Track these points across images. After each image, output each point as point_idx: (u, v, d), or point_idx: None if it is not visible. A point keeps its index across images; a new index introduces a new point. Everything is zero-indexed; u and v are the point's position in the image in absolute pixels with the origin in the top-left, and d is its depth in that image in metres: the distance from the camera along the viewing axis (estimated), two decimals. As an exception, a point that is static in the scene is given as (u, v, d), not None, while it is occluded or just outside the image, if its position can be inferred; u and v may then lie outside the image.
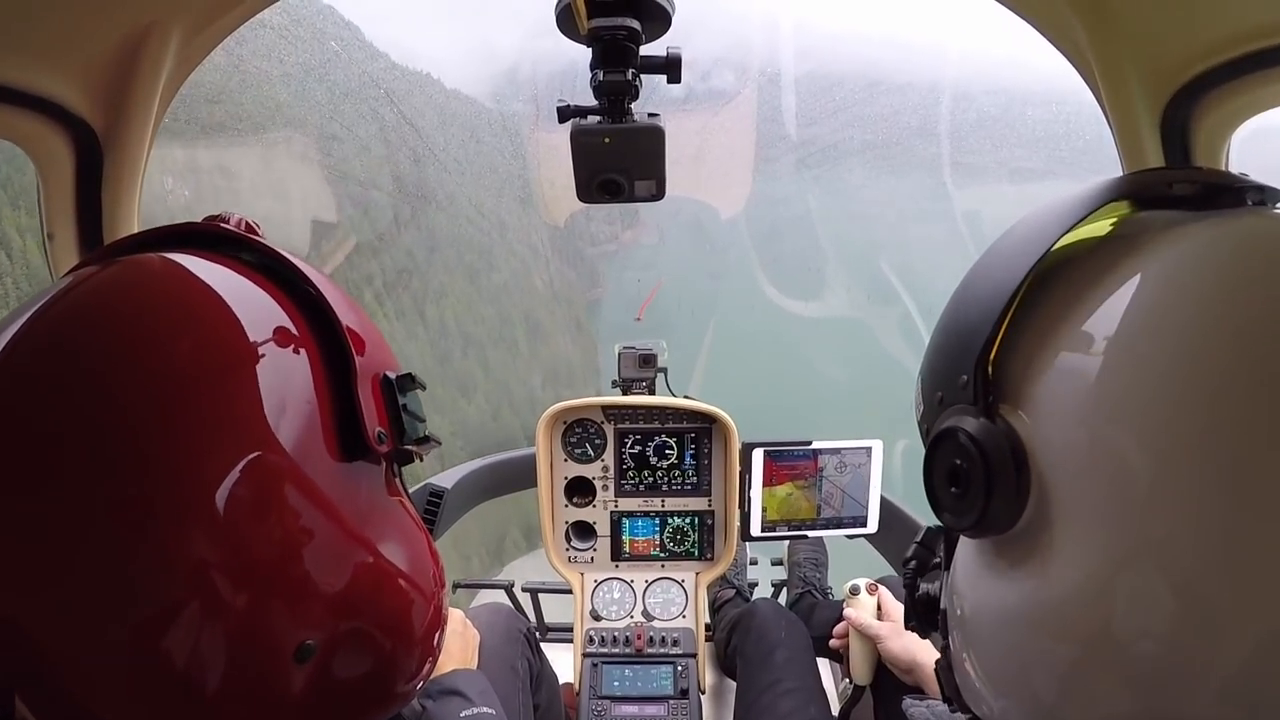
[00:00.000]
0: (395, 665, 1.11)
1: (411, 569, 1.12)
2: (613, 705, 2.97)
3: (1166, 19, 1.76)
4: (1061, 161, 34.82)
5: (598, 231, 48.47)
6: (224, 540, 0.87)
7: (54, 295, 0.93)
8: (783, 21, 43.71)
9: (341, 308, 1.08)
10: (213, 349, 0.92)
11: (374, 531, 1.05)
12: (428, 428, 1.16)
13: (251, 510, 0.88)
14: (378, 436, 1.03)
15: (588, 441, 3.32)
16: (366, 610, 1.02)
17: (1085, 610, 0.76)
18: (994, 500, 0.84)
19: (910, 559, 1.14)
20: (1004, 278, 0.88)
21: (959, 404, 0.90)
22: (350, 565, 0.99)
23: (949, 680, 1.04)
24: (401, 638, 1.11)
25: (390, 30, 44.25)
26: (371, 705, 1.12)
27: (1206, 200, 0.91)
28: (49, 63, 1.84)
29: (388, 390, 1.09)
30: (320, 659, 0.96)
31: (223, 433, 0.89)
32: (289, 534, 0.92)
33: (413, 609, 1.12)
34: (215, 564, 0.86)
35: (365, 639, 1.03)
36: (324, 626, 0.96)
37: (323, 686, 0.99)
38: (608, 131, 1.84)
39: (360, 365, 1.04)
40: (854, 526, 3.09)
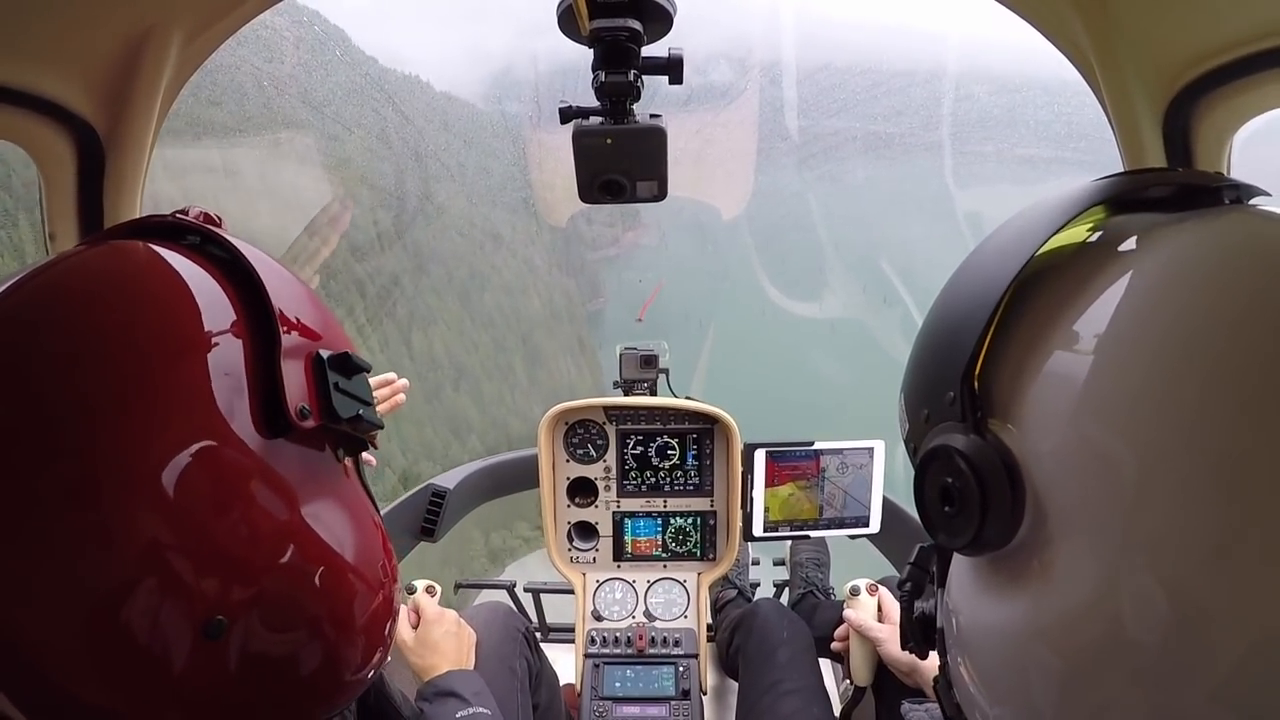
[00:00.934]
0: (337, 653, 1.11)
1: (354, 557, 1.11)
2: (614, 706, 2.97)
3: (1168, 20, 1.76)
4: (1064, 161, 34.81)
5: (597, 235, 47.60)
6: (144, 509, 0.88)
7: (19, 278, 0.97)
8: (784, 14, 43.68)
9: (284, 291, 1.09)
10: (146, 327, 0.96)
11: (308, 514, 1.05)
12: (374, 413, 1.16)
13: (164, 482, 0.89)
14: (299, 411, 1.02)
15: (590, 442, 3.32)
16: (291, 591, 1.01)
17: (1084, 623, 0.76)
18: (989, 518, 0.83)
19: (905, 580, 1.13)
20: (985, 290, 0.87)
21: (947, 421, 0.90)
22: (269, 543, 0.99)
23: (949, 698, 1.03)
24: (340, 625, 1.10)
25: (378, 34, 43.40)
26: (316, 693, 1.12)
27: (1183, 201, 0.91)
28: (52, 64, 1.85)
29: (318, 368, 1.08)
30: (236, 638, 0.95)
31: (137, 406, 0.91)
32: (199, 506, 0.92)
33: (354, 597, 1.12)
34: (127, 532, 0.88)
35: (292, 621, 1.03)
36: (235, 603, 0.95)
37: (246, 666, 0.98)
38: (610, 132, 1.84)
39: (291, 344, 1.05)
40: (856, 527, 3.08)
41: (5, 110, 1.86)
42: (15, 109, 1.87)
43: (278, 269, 1.14)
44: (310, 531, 1.05)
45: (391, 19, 57.98)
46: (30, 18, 1.72)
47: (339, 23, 32.58)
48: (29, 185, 12.48)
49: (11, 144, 1.96)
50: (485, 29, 65.95)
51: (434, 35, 67.04)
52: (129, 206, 2.14)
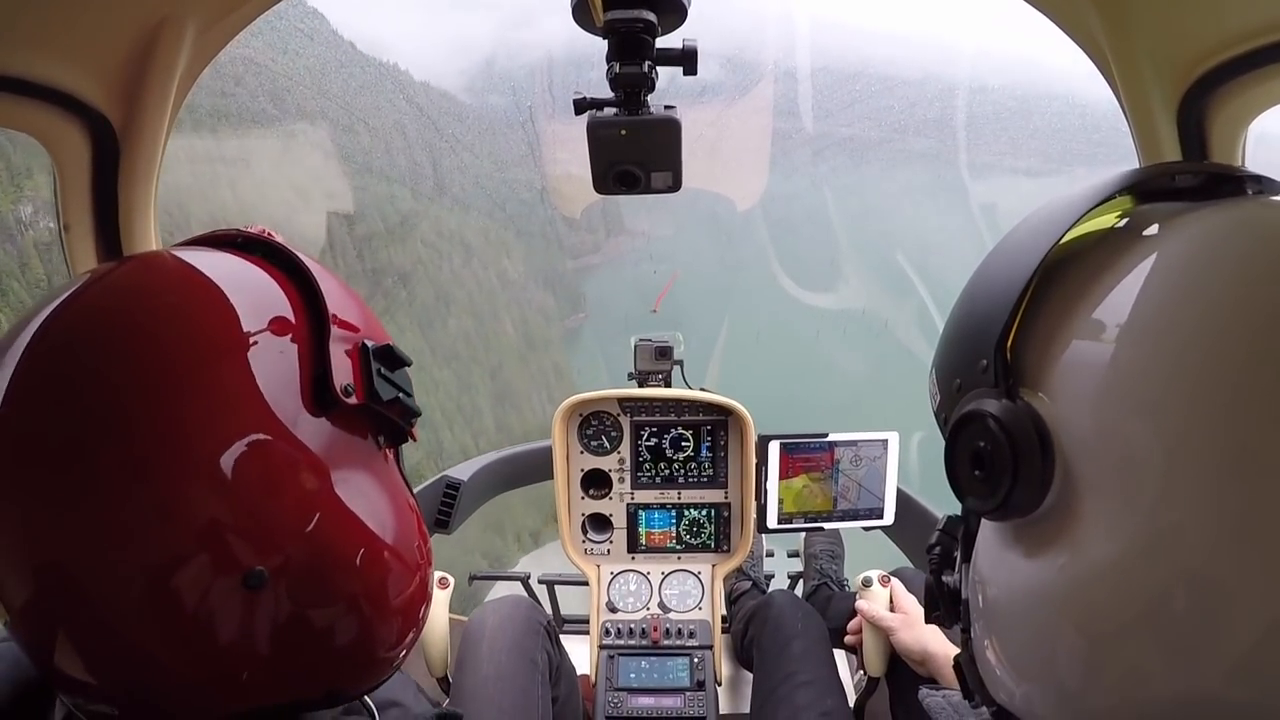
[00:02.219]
0: (371, 627, 1.15)
1: (391, 536, 1.17)
2: (629, 697, 2.99)
3: (1182, 11, 1.75)
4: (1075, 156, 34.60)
5: (578, 242, 45.76)
6: (199, 477, 0.95)
7: (71, 293, 1.03)
8: (799, 17, 43.42)
9: (335, 292, 1.17)
10: (211, 327, 1.03)
11: (347, 491, 1.11)
12: (414, 402, 1.24)
13: (219, 454, 0.96)
14: (344, 389, 1.09)
15: (604, 434, 3.33)
16: (326, 561, 1.06)
17: (1111, 590, 0.77)
18: (1019, 480, 0.85)
19: (934, 545, 1.13)
20: (1018, 266, 0.89)
21: (979, 388, 0.91)
22: (310, 511, 1.05)
23: (971, 673, 1.04)
24: (375, 600, 1.15)
25: (358, 19, 41.84)
26: (349, 664, 1.17)
27: (1209, 191, 0.93)
28: (66, 56, 1.86)
29: (364, 355, 1.16)
30: (274, 590, 1.00)
31: (202, 387, 0.98)
32: (248, 475, 0.98)
33: (389, 575, 1.17)
34: (183, 490, 0.95)
35: (327, 589, 1.08)
36: (276, 555, 1.00)
37: (283, 622, 1.03)
38: (624, 124, 1.84)
39: (340, 334, 1.13)
40: (870, 518, 3.08)
41: (20, 102, 1.87)
42: (30, 101, 1.88)
43: (328, 275, 1.22)
44: (347, 506, 1.10)
45: (376, 4, 57.07)
46: (45, 10, 1.73)
47: (318, 4, 31.88)
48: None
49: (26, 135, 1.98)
50: (471, 18, 65.42)
51: (417, 22, 66.42)
52: (143, 198, 2.15)
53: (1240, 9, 1.65)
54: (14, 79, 1.81)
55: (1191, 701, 0.74)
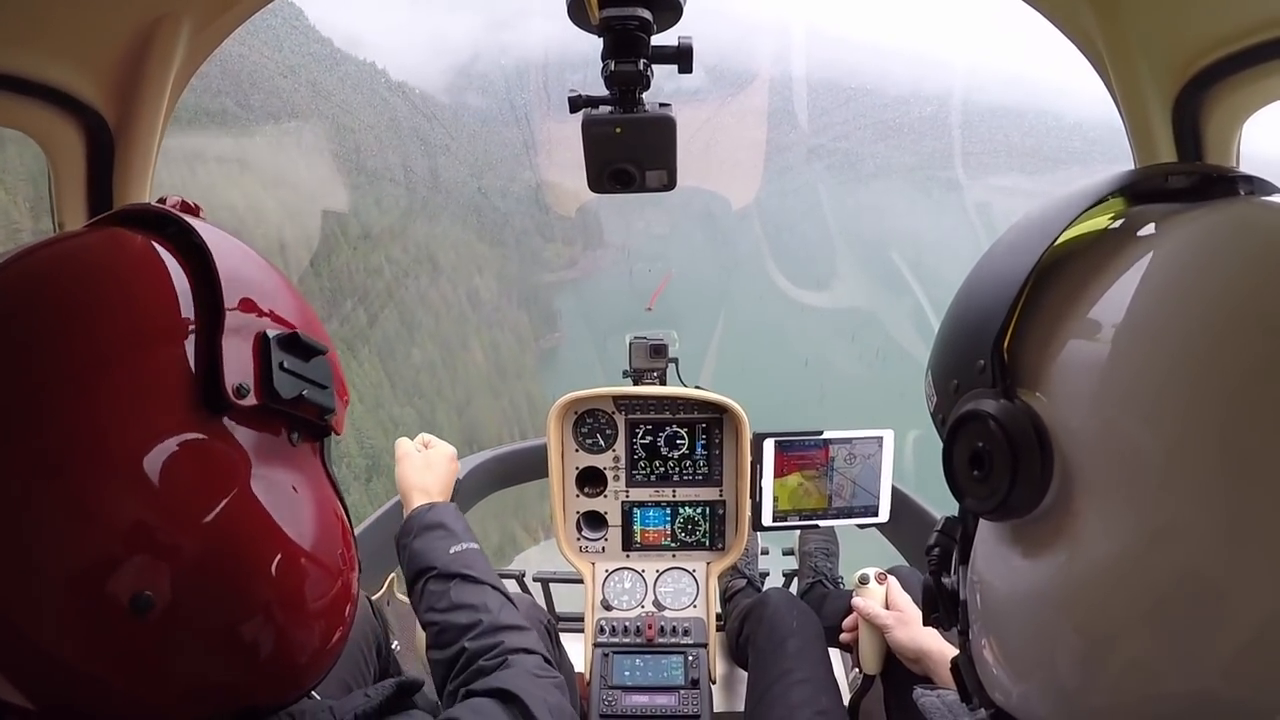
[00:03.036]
0: (287, 636, 1.11)
1: (305, 540, 1.12)
2: (624, 695, 2.98)
3: (1178, 8, 1.75)
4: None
5: (553, 256, 43.96)
6: (68, 484, 0.92)
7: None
8: (794, 22, 43.41)
9: (246, 275, 1.13)
10: (96, 310, 1.00)
11: (250, 494, 1.06)
12: (328, 395, 1.17)
13: (97, 457, 0.93)
14: (237, 389, 1.03)
15: (599, 432, 3.33)
16: (227, 569, 1.02)
17: (1110, 589, 0.78)
18: (1018, 480, 0.85)
19: (933, 547, 1.12)
20: (1014, 268, 0.89)
21: (977, 388, 0.91)
22: (202, 520, 1.00)
23: (970, 675, 1.04)
24: (292, 607, 1.11)
25: (336, 14, 40.55)
26: (267, 675, 1.12)
27: (1202, 191, 0.94)
28: (61, 54, 1.85)
29: (263, 347, 1.09)
30: (166, 615, 0.96)
31: (76, 385, 0.94)
32: (126, 482, 0.95)
33: (304, 579, 1.12)
34: (52, 505, 0.92)
35: (231, 599, 1.03)
36: (163, 579, 0.96)
37: (181, 642, 1.00)
38: (619, 121, 1.84)
39: (240, 323, 1.07)
40: (865, 516, 3.09)
41: (16, 100, 1.87)
42: (25, 98, 1.87)
43: (246, 257, 1.17)
44: (250, 511, 1.05)
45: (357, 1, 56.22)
46: (40, 7, 1.73)
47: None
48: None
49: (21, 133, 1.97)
50: (453, 18, 64.96)
51: (398, 20, 65.85)
52: (138, 195, 2.14)
53: (1235, 6, 1.65)
54: (9, 76, 1.81)
55: (1189, 698, 0.75)
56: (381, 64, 37.87)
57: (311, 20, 33.48)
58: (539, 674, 1.68)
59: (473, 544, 2.01)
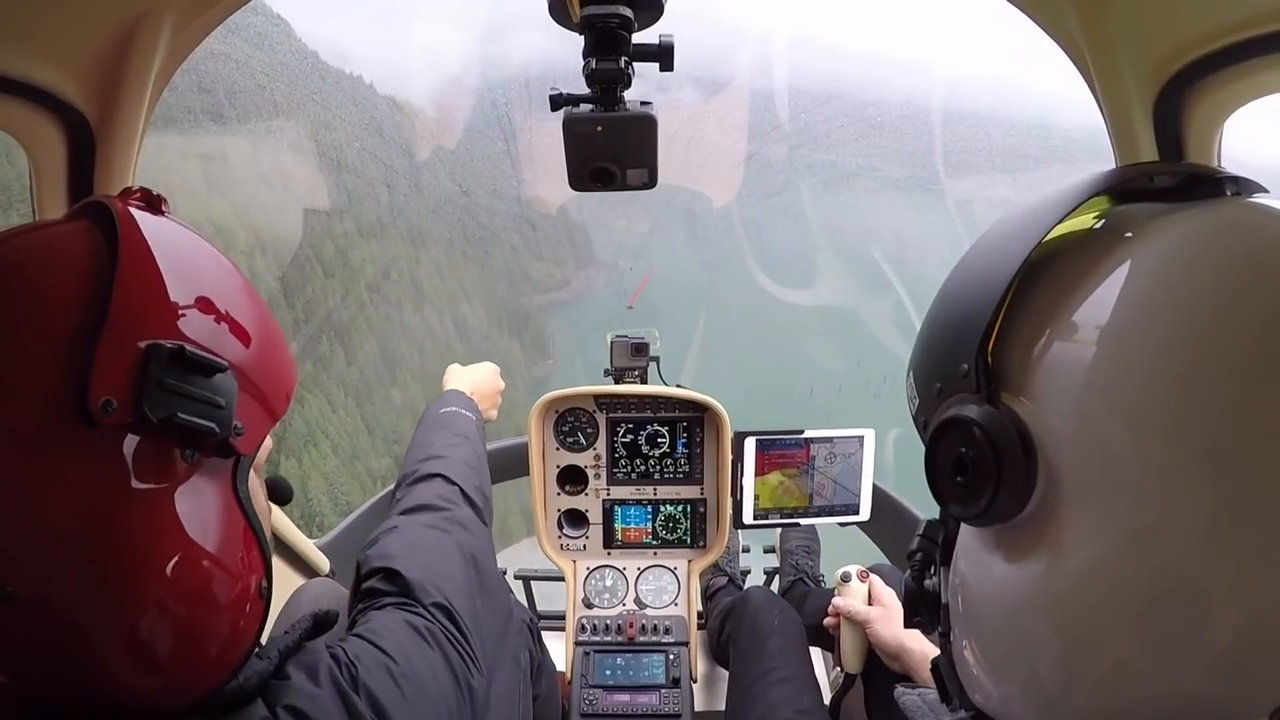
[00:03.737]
0: (183, 647, 1.08)
1: (188, 554, 1.07)
2: (605, 694, 2.98)
3: (1159, 6, 1.76)
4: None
5: (545, 275, 42.47)
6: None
7: None
8: (776, 26, 43.46)
9: (190, 285, 1.10)
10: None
11: (131, 508, 1.02)
12: (219, 416, 1.09)
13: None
14: (103, 405, 0.97)
15: (580, 430, 3.33)
16: (90, 574, 1.00)
17: (1093, 594, 0.77)
18: (1002, 487, 0.84)
19: (915, 551, 1.11)
20: (997, 269, 0.88)
21: (960, 393, 0.90)
22: (59, 526, 0.98)
23: (950, 677, 1.03)
24: (176, 611, 1.07)
25: (323, 27, 39.54)
26: (152, 676, 1.08)
27: (1187, 192, 0.93)
28: (42, 52, 1.84)
29: (145, 361, 1.01)
30: (30, 606, 0.97)
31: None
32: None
33: (177, 588, 1.06)
34: None
35: (95, 600, 1.01)
36: (25, 573, 0.97)
37: (45, 634, 1.00)
38: (600, 120, 1.83)
39: (131, 333, 1.02)
40: (846, 514, 3.10)
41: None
42: (5, 96, 1.86)
43: (194, 257, 1.14)
44: (116, 523, 1.02)
45: (344, 11, 55.49)
46: (20, 5, 1.71)
47: (281, 10, 30.41)
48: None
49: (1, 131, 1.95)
50: (444, 32, 64.74)
51: (387, 34, 65.51)
52: (119, 193, 2.12)
53: (1217, 4, 1.66)
54: (-11, 75, 1.79)
55: (1171, 700, 0.75)
56: (369, 78, 37.06)
57: (298, 32, 32.96)
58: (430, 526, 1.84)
59: (464, 410, 2.33)
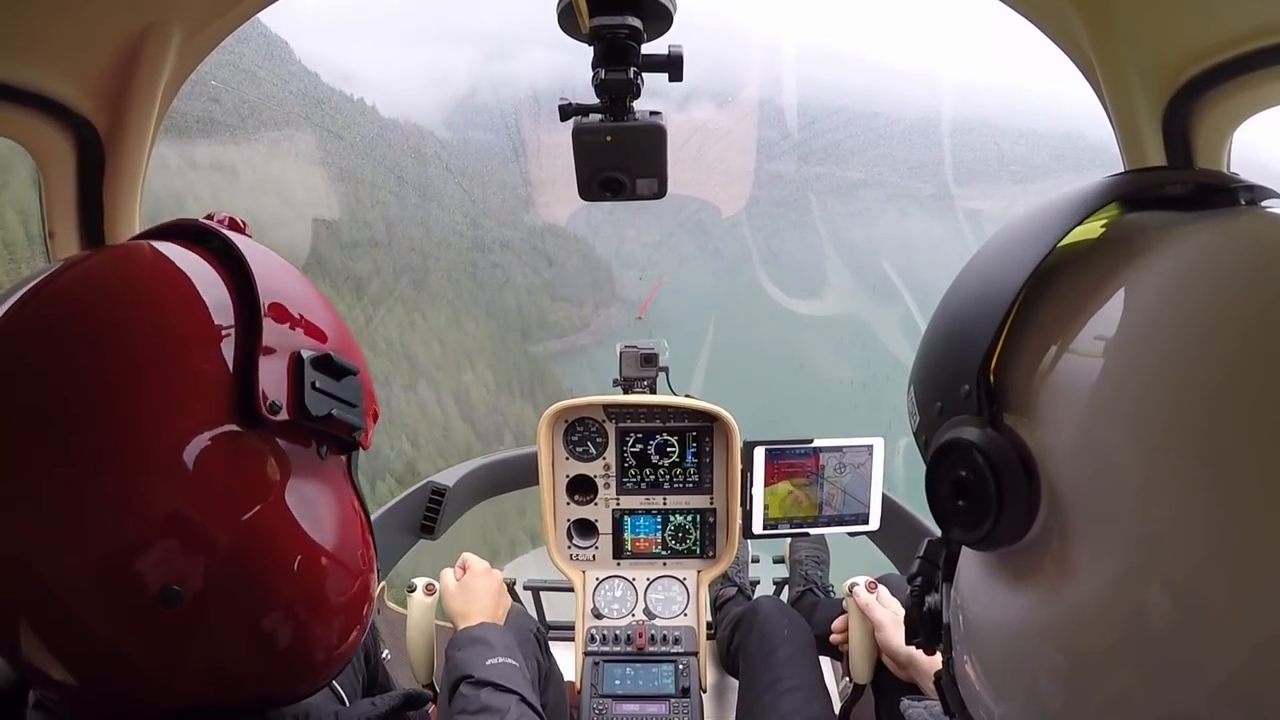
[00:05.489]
0: (307, 632, 1.16)
1: (330, 544, 1.17)
2: (614, 704, 2.97)
3: (1169, 17, 1.76)
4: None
5: (561, 319, 39.73)
6: (114, 482, 0.97)
7: (45, 277, 1.06)
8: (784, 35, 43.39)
9: (285, 293, 1.17)
10: (142, 322, 1.04)
11: (279, 502, 1.10)
12: (357, 414, 1.21)
13: (135, 459, 0.98)
14: (270, 406, 1.07)
15: (589, 440, 3.32)
16: (255, 569, 1.07)
17: (1097, 619, 0.75)
18: (1004, 512, 0.82)
19: (916, 575, 1.09)
20: (1001, 284, 0.86)
21: (961, 414, 0.88)
22: (230, 523, 1.04)
23: (953, 694, 1.02)
24: (312, 606, 1.16)
25: (323, 47, 38.17)
26: (287, 669, 1.18)
27: (1199, 200, 0.90)
28: (51, 63, 1.85)
29: (298, 366, 1.13)
30: (193, 607, 1.01)
31: (128, 395, 0.99)
32: (166, 484, 0.99)
33: (326, 580, 1.17)
34: (99, 499, 0.97)
35: (257, 598, 1.08)
36: (195, 575, 1.01)
37: (204, 635, 1.05)
38: (609, 130, 1.84)
39: (277, 341, 1.11)
40: (855, 524, 3.09)
41: (5, 108, 1.86)
42: (15, 107, 1.87)
43: (286, 275, 1.21)
44: (279, 515, 1.10)
45: (347, 34, 54.40)
46: (30, 15, 1.72)
47: (282, 32, 29.84)
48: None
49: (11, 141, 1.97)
50: (450, 51, 63.74)
51: (391, 54, 64.40)
52: (128, 204, 2.14)
53: (1225, 16, 1.65)
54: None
55: None
56: (371, 100, 36.14)
57: (299, 54, 32.43)
58: None
59: (509, 659, 2.21)
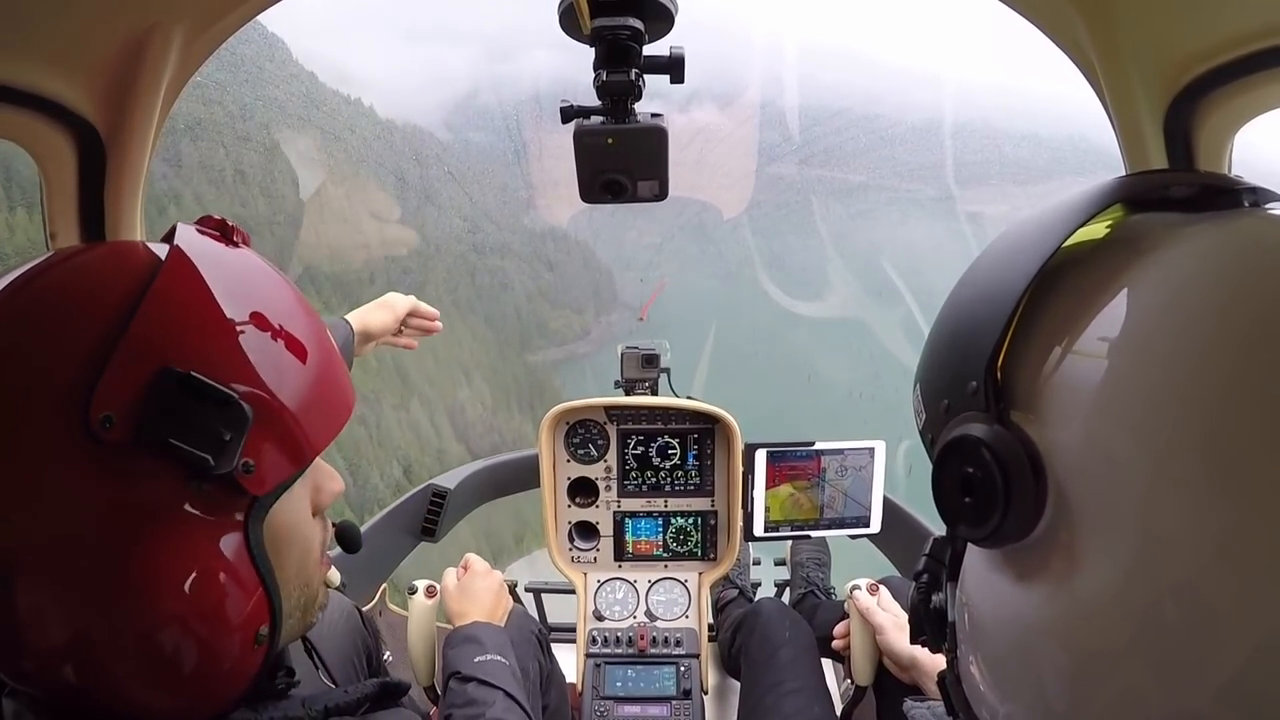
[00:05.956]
0: (174, 662, 1.05)
1: (178, 598, 1.04)
2: (615, 705, 2.98)
3: (1170, 18, 1.75)
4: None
5: (561, 327, 38.79)
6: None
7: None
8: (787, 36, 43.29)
9: (212, 304, 1.09)
10: (42, 316, 1.03)
11: (127, 524, 1.01)
12: (224, 448, 1.04)
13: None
14: (102, 421, 0.97)
15: (590, 442, 3.33)
16: (66, 582, 1.01)
17: (1103, 617, 0.75)
18: (1011, 509, 0.82)
19: (921, 572, 1.09)
20: (1008, 282, 0.86)
21: (968, 411, 0.88)
22: (61, 525, 0.99)
23: (957, 693, 1.02)
24: (183, 636, 1.05)
25: (321, 46, 36.85)
26: (160, 692, 1.07)
27: (1203, 202, 0.90)
28: (52, 63, 1.84)
29: (155, 384, 1.00)
30: (24, 595, 0.99)
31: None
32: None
33: (146, 619, 1.03)
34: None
35: (84, 607, 1.01)
36: (21, 566, 0.99)
37: (36, 625, 1.00)
38: (611, 132, 1.84)
39: (142, 348, 1.01)
40: (856, 527, 3.08)
41: (5, 109, 1.85)
42: (15, 108, 1.86)
43: (244, 290, 1.13)
44: (113, 536, 1.01)
45: (346, 34, 53.53)
46: (30, 16, 1.72)
47: (277, 30, 29.47)
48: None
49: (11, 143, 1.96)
50: (450, 51, 62.99)
51: (390, 54, 63.46)
52: (130, 206, 2.13)
53: (1229, 16, 1.65)
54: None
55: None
56: (369, 101, 35.36)
57: (295, 53, 31.91)
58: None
59: (499, 657, 2.23)
